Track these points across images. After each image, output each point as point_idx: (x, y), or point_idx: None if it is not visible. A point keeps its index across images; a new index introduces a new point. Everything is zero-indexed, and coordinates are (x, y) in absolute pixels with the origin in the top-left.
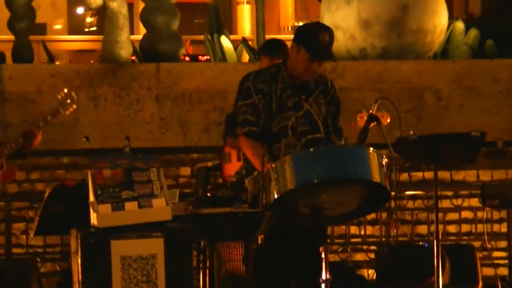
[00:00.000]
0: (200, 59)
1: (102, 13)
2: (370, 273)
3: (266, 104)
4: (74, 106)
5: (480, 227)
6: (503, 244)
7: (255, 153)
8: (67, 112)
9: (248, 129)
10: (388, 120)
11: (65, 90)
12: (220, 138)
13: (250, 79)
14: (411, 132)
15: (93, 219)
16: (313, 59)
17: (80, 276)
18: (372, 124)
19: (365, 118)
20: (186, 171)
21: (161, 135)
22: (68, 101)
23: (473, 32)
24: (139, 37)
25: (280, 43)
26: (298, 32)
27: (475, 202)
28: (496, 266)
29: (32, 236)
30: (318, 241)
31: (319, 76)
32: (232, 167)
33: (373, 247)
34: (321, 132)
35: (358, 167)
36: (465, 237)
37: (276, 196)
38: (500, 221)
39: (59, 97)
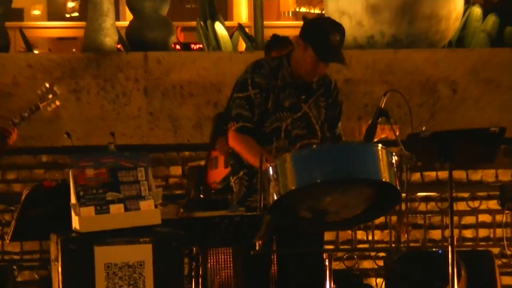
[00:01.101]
0: (192, 47)
1: None
2: (378, 282)
3: (262, 101)
4: (58, 103)
5: (499, 231)
6: None
7: (250, 149)
8: (49, 108)
9: (242, 124)
10: (397, 133)
11: (47, 85)
12: None
13: (249, 71)
14: (424, 128)
15: (75, 223)
16: (320, 60)
17: (60, 286)
18: (383, 129)
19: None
20: (177, 170)
21: (150, 131)
22: (50, 96)
23: (492, 18)
24: (126, 23)
25: (287, 37)
26: (306, 28)
27: (493, 204)
28: None
29: (8, 241)
30: (313, 246)
31: (322, 76)
32: (218, 174)
33: (381, 254)
34: (318, 138)
35: (365, 166)
36: (482, 243)
37: (275, 198)
38: None
39: (39, 92)
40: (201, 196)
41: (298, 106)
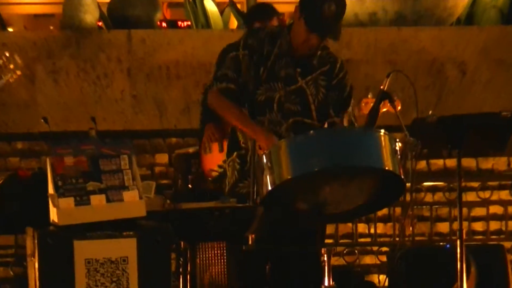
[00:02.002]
0: (179, 25)
1: None
2: (381, 279)
3: (251, 63)
4: (18, 72)
5: (511, 224)
6: None
7: (231, 108)
8: (11, 79)
9: (226, 86)
10: (399, 108)
11: (7, 54)
12: None
13: (245, 34)
14: (430, 113)
15: (53, 215)
16: (311, 31)
17: (37, 283)
18: (383, 103)
19: (371, 104)
20: (163, 158)
21: (133, 116)
22: (11, 66)
23: None
24: None
25: (271, 5)
26: None
27: (505, 195)
28: None
29: None
30: (314, 242)
31: (327, 55)
32: (213, 159)
33: (384, 249)
34: (313, 119)
35: (367, 153)
36: (493, 236)
37: (269, 188)
38: None
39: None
40: (190, 186)
41: (294, 78)
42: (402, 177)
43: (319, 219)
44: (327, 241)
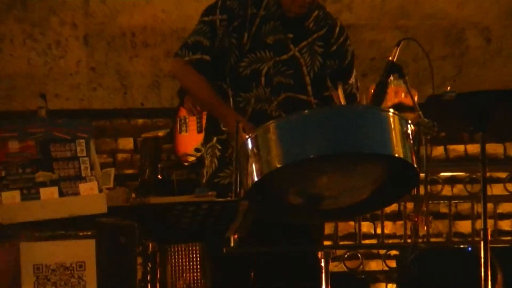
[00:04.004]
0: None
1: None
2: None
3: (230, 30)
4: None
5: None
6: None
7: (203, 89)
8: None
9: (200, 57)
10: (416, 98)
11: None
12: (175, 97)
13: None
14: (449, 88)
15: None
16: None
17: None
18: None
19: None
20: (127, 143)
21: (92, 92)
22: None
23: None
24: None
25: None
26: None
27: None
28: None
29: None
30: (312, 243)
31: (324, 16)
32: (190, 140)
33: (394, 252)
34: (308, 94)
35: (372, 137)
36: None
37: (255, 179)
38: None
39: None
40: (159, 176)
41: (285, 46)
42: (415, 166)
43: (315, 215)
44: (325, 242)
